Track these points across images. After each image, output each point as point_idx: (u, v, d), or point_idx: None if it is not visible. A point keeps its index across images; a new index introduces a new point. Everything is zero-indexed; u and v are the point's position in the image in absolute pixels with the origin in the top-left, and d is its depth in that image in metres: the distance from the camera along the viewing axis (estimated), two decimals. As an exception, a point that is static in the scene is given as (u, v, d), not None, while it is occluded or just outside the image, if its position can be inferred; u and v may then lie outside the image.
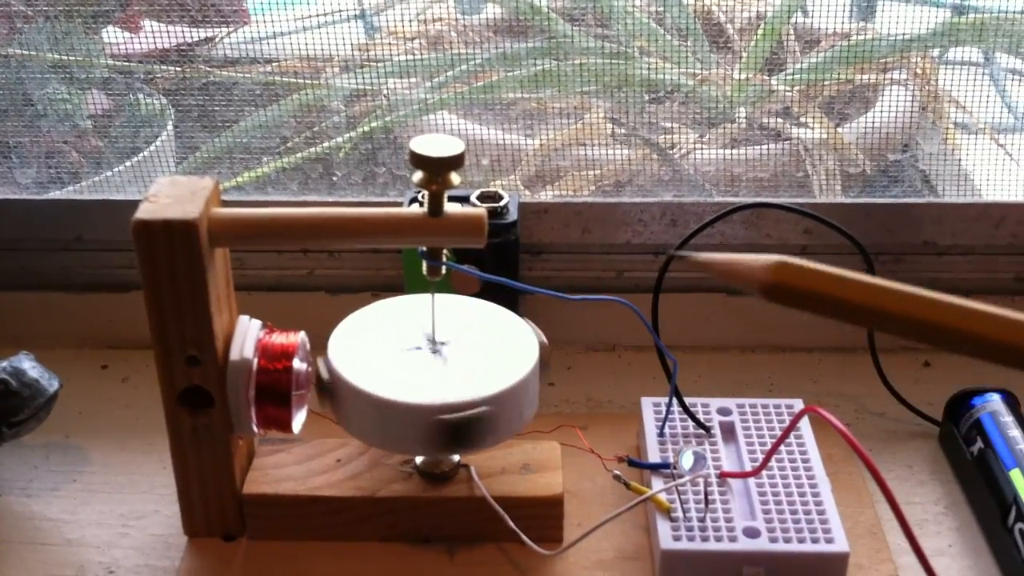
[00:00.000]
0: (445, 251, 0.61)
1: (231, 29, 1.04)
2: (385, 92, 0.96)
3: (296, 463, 0.66)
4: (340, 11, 1.05)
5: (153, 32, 0.95)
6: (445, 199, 0.58)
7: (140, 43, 1.01)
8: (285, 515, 0.65)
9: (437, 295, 0.64)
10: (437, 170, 0.57)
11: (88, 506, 0.69)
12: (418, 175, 0.58)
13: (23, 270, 0.84)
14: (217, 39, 1.03)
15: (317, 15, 1.03)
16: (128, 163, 0.93)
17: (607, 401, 0.78)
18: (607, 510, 0.63)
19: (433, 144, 0.57)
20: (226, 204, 0.60)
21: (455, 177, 0.58)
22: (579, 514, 0.66)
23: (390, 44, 1.05)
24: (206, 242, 0.57)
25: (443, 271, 0.61)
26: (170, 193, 0.58)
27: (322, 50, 0.94)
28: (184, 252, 0.57)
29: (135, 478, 0.72)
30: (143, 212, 0.57)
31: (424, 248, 0.61)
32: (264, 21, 1.03)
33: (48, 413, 0.69)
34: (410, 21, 1.07)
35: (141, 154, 0.95)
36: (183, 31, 1.02)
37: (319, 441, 0.68)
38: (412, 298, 0.67)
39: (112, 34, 0.98)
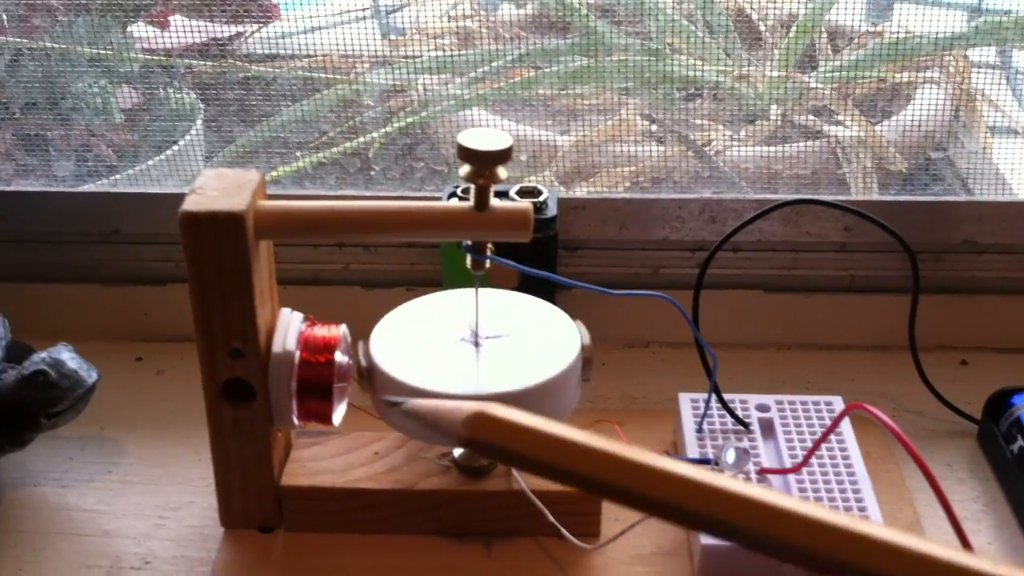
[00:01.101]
0: (489, 245, 0.61)
1: (260, 25, 1.04)
2: (420, 87, 0.96)
3: (334, 456, 0.66)
4: (357, 9, 1.05)
5: (181, 28, 0.95)
6: (491, 193, 0.58)
7: (168, 39, 1.01)
8: (323, 508, 0.65)
9: (479, 290, 0.64)
10: (485, 164, 0.57)
11: (124, 497, 0.70)
12: (465, 168, 0.57)
13: (59, 262, 0.84)
14: (247, 35, 1.04)
15: (339, 13, 1.04)
16: (159, 157, 0.94)
17: (642, 397, 0.78)
18: (644, 505, 0.63)
19: (481, 138, 0.57)
20: (269, 198, 0.60)
21: (502, 171, 0.57)
22: (616, 509, 0.65)
23: (420, 41, 1.06)
24: (252, 235, 0.57)
25: (487, 265, 0.61)
26: (217, 186, 0.58)
27: (353, 47, 0.94)
28: (230, 244, 0.57)
29: (171, 470, 0.72)
30: (190, 204, 0.57)
31: (469, 242, 0.60)
32: (289, 18, 1.03)
33: (86, 404, 0.69)
34: (439, 17, 1.07)
35: (171, 149, 0.95)
36: (210, 27, 1.03)
37: (357, 434, 0.68)
38: (454, 293, 0.67)
39: (141, 29, 0.98)
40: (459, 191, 0.74)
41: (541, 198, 0.74)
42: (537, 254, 0.73)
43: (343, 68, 1.02)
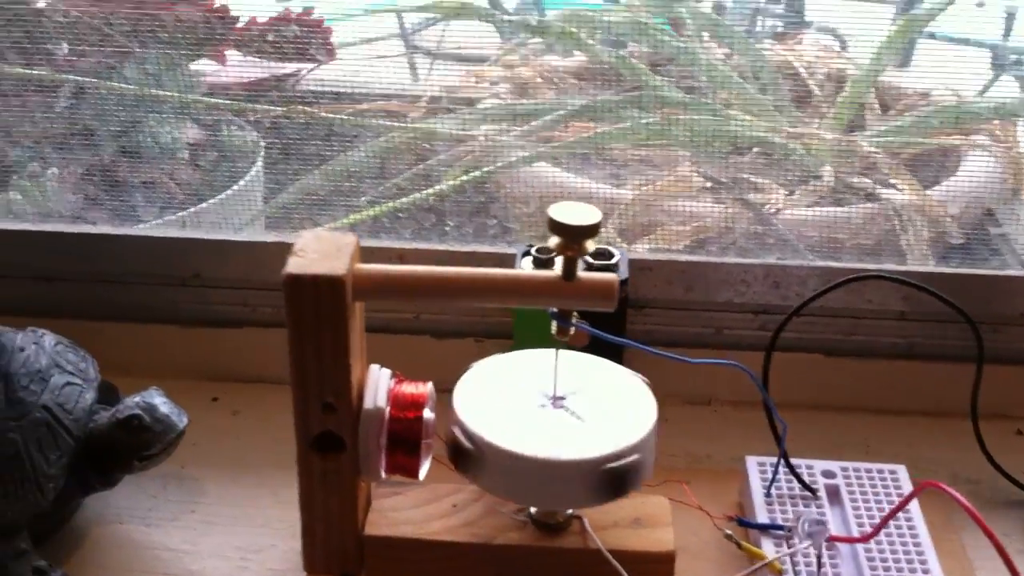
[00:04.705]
0: (574, 312, 0.63)
1: (317, 64, 1.07)
2: (481, 139, 0.98)
3: (414, 507, 0.68)
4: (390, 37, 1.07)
5: (238, 64, 0.98)
6: (579, 264, 0.60)
7: (226, 74, 1.04)
8: (402, 556, 0.67)
9: (551, 351, 0.66)
10: (574, 237, 0.59)
11: (207, 537, 0.72)
12: (554, 240, 0.60)
13: (138, 303, 0.87)
14: (303, 73, 1.06)
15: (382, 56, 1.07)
16: (220, 196, 0.96)
17: (706, 456, 0.80)
18: (713, 567, 0.65)
19: (571, 212, 0.60)
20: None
21: (590, 244, 0.60)
22: (686, 571, 0.67)
23: (475, 86, 1.08)
24: (350, 297, 0.60)
25: (571, 331, 0.63)
26: (316, 248, 0.60)
27: (403, 87, 0.96)
28: (330, 305, 0.59)
29: (249, 511, 0.74)
30: (293, 266, 0.59)
31: (555, 309, 0.63)
32: (345, 57, 1.06)
33: (175, 448, 0.71)
34: (493, 64, 1.10)
35: (233, 187, 0.98)
36: (267, 64, 1.05)
37: (434, 485, 0.70)
38: (524, 353, 0.69)
39: (200, 64, 1.01)
40: (533, 250, 0.77)
41: (613, 260, 0.76)
42: (607, 314, 0.75)
43: (401, 112, 1.05)
